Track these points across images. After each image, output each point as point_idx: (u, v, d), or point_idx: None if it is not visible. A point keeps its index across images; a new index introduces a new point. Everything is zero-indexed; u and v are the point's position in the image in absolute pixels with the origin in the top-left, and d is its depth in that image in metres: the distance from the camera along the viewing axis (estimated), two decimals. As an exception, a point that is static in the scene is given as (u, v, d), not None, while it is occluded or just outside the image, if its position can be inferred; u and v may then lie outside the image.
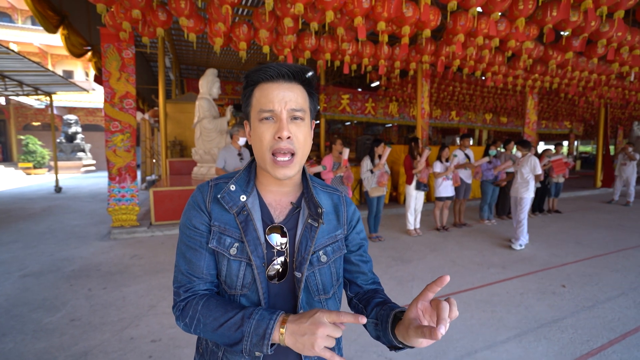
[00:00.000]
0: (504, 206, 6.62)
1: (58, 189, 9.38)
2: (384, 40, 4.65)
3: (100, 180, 13.09)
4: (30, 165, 14.85)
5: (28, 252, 4.30)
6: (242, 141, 4.21)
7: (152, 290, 3.24)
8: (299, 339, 0.60)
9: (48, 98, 9.51)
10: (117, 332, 2.51)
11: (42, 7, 4.55)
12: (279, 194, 0.78)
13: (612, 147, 19.16)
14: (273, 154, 0.69)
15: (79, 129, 16.85)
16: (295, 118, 0.70)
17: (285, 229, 0.75)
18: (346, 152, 4.41)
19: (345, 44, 5.05)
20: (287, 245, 0.74)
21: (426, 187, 5.14)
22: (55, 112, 13.32)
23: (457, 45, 4.71)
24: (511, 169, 6.07)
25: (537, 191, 6.79)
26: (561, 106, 12.50)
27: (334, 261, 0.79)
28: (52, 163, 15.81)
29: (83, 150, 16.65)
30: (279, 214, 0.77)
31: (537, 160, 4.69)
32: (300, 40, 4.96)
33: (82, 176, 14.81)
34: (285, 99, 0.69)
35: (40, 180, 12.74)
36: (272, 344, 0.64)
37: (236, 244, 0.72)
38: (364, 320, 0.60)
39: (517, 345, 2.39)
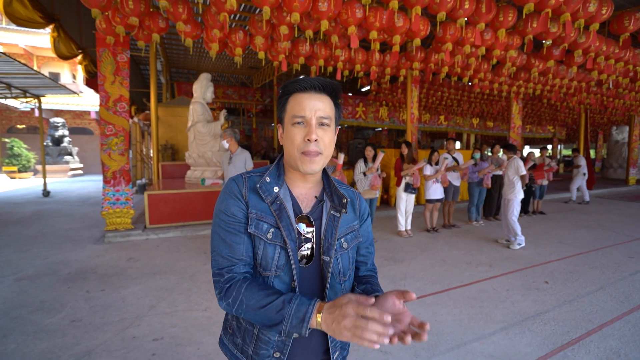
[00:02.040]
0: (490, 208, 6.85)
1: (46, 193, 9.22)
2: (376, 47, 4.82)
3: (88, 184, 12.90)
4: (15, 169, 14.52)
5: (21, 256, 4.27)
6: (225, 145, 4.29)
7: (150, 291, 3.28)
8: (330, 325, 0.68)
9: (36, 101, 9.38)
10: (119, 332, 2.56)
11: (33, 9, 4.53)
12: (304, 188, 0.90)
13: (592, 151, 19.85)
14: (302, 153, 0.81)
15: (66, 132, 16.56)
16: (322, 124, 0.82)
17: (311, 218, 0.86)
18: (341, 157, 4.54)
19: (339, 50, 5.21)
20: (314, 232, 0.85)
21: (415, 189, 5.31)
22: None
23: (446, 53, 4.92)
24: (498, 172, 6.31)
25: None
26: (544, 111, 12.98)
27: (352, 248, 0.91)
28: (37, 167, 15.48)
29: (70, 154, 16.36)
30: (305, 206, 0.88)
31: (520, 162, 4.89)
32: (294, 46, 5.09)
33: (70, 180, 14.55)
34: (315, 107, 0.81)
35: (26, 184, 12.47)
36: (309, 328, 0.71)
37: (272, 229, 0.81)
38: (389, 318, 0.63)
39: (504, 337, 2.54)
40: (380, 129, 18.24)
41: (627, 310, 2.96)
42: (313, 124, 0.80)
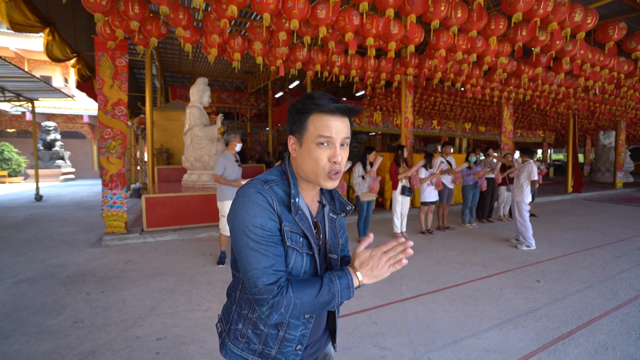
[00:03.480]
0: (483, 210, 7.00)
1: (38, 198, 9.11)
2: (372, 53, 4.95)
3: (81, 188, 12.77)
4: (5, 173, 14.29)
5: (17, 260, 4.25)
6: (238, 147, 4.36)
7: (151, 293, 3.31)
8: (372, 273, 0.84)
9: (29, 104, 9.30)
10: (122, 332, 2.58)
11: (28, 12, 4.53)
12: (310, 195, 0.96)
13: (581, 155, 20.29)
14: (328, 173, 0.86)
15: (58, 136, 16.36)
16: (342, 144, 0.87)
17: (318, 222, 0.95)
18: (345, 165, 4.63)
19: (335, 56, 5.32)
20: (320, 234, 0.94)
21: (411, 192, 5.42)
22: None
23: (439, 60, 5.06)
24: (491, 175, 6.47)
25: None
26: (534, 116, 13.29)
27: (344, 241, 1.06)
28: (28, 171, 15.26)
29: (62, 158, 16.16)
30: (313, 211, 0.96)
31: (534, 166, 4.93)
32: (292, 52, 5.19)
33: (62, 184, 14.38)
34: (339, 129, 0.85)
35: (17, 189, 12.29)
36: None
37: (301, 239, 0.87)
38: (401, 239, 0.86)
39: (498, 333, 2.63)
40: (374, 133, 18.43)
41: (614, 306, 3.08)
42: (337, 145, 0.85)
